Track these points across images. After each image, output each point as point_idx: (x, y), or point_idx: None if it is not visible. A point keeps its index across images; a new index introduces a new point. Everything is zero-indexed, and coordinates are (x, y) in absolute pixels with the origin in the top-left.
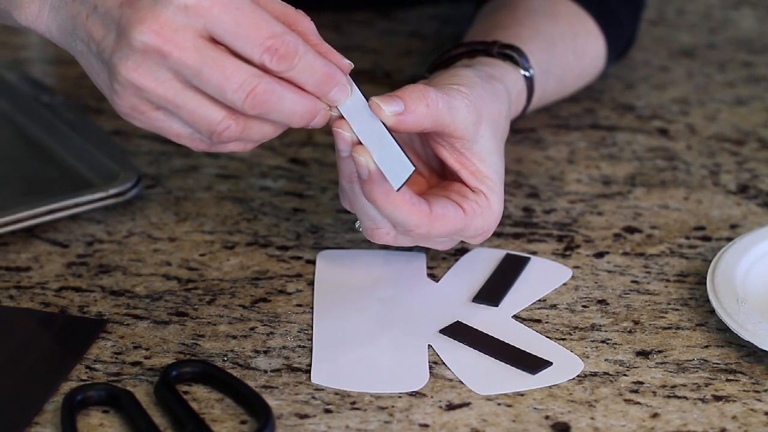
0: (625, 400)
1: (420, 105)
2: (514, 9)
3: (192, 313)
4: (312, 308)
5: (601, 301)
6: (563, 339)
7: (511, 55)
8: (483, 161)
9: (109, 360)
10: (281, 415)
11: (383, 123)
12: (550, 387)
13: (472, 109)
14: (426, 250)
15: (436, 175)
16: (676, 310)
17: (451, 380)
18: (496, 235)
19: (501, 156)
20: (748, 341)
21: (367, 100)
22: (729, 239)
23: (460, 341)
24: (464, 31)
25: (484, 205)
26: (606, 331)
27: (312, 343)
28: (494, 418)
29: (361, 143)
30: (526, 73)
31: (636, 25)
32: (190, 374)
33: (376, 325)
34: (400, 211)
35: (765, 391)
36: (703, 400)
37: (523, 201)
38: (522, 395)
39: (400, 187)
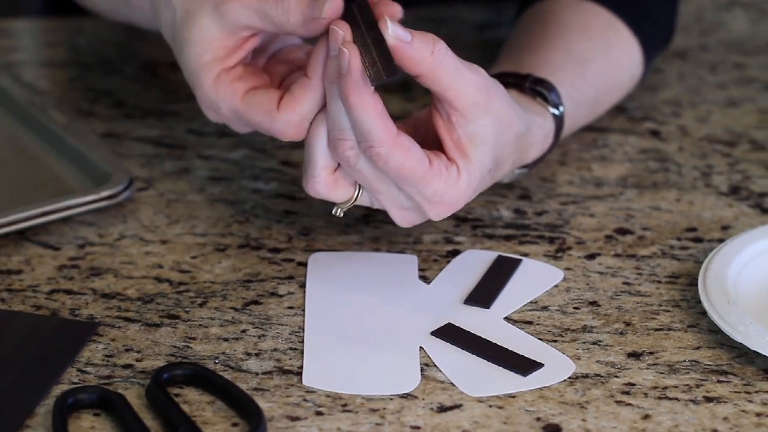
0: (617, 402)
1: (425, 49)
2: (544, 26)
3: (183, 316)
4: (303, 310)
5: (593, 303)
6: (555, 341)
7: (542, 92)
8: (472, 143)
9: (100, 363)
10: (273, 417)
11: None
12: (541, 389)
13: (483, 91)
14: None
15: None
16: (668, 311)
17: (442, 382)
18: (488, 236)
19: (492, 157)
20: (740, 343)
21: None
22: (721, 241)
23: (451, 343)
24: (503, 38)
25: (453, 174)
26: (597, 333)
27: (303, 346)
28: (486, 420)
29: (351, 41)
30: (556, 111)
31: (673, 19)
32: (182, 377)
33: (368, 327)
34: (368, 114)
35: (756, 392)
36: (694, 402)
37: (514, 203)
38: (513, 397)
39: (377, 83)
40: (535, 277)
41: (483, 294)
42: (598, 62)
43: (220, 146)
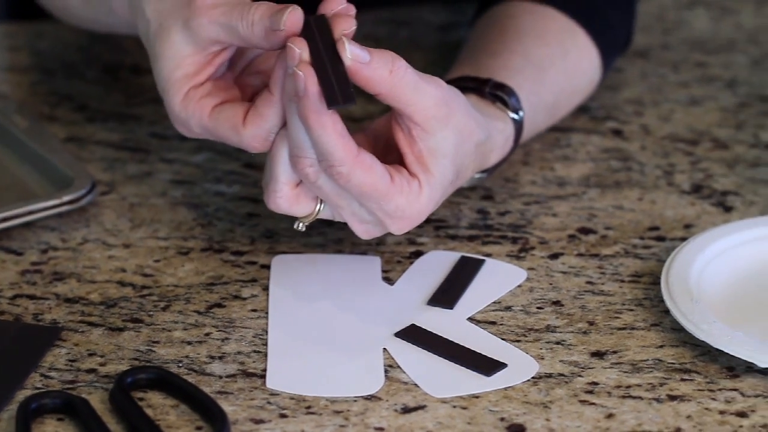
0: (580, 401)
1: (384, 68)
2: (503, 31)
3: (147, 320)
4: (267, 313)
5: (556, 303)
6: (518, 341)
7: (502, 96)
8: (433, 157)
9: (63, 368)
10: (237, 420)
11: (340, 57)
12: (505, 389)
13: (443, 104)
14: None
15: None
16: (631, 310)
17: (406, 383)
18: (451, 237)
19: (453, 169)
20: (703, 341)
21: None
22: (683, 239)
23: (415, 344)
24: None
25: (414, 189)
26: (561, 333)
27: (267, 348)
28: (450, 421)
29: (308, 62)
30: (515, 116)
31: (631, 22)
32: (146, 381)
33: (331, 329)
34: (328, 135)
35: (720, 390)
36: (657, 400)
37: (477, 203)
38: (477, 397)
39: (332, 107)
40: (498, 278)
41: (446, 295)
42: (557, 68)
43: (182, 149)
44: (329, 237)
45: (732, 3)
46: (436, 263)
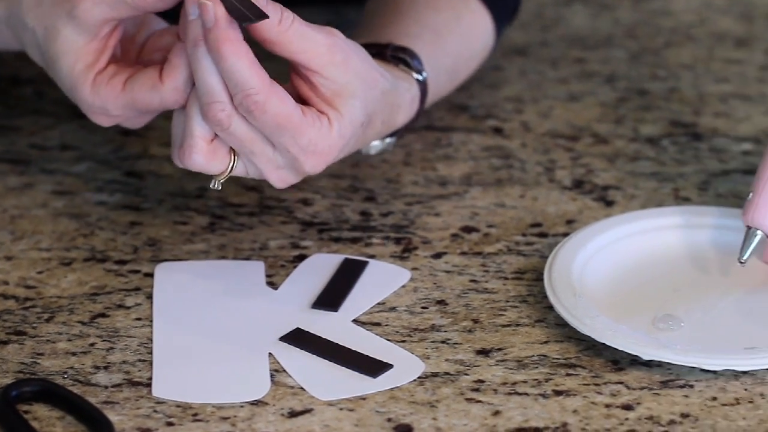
0: (467, 399)
1: (273, 17)
2: (396, 2)
3: (30, 332)
4: (151, 321)
5: (441, 302)
6: (403, 341)
7: (404, 58)
8: (340, 97)
9: None
10: (123, 429)
11: None
12: (391, 389)
13: (338, 50)
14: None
15: None
16: (515, 307)
17: (292, 387)
18: (334, 240)
19: (363, 111)
20: (587, 335)
21: None
22: (565, 235)
23: (300, 348)
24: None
25: (324, 123)
26: (446, 332)
27: (152, 357)
28: (337, 423)
29: None
30: (419, 77)
31: None
32: (31, 393)
33: (217, 335)
34: (242, 63)
35: (605, 384)
36: (544, 396)
37: (360, 205)
38: (364, 399)
39: (246, 23)
40: (382, 279)
41: (330, 297)
42: (453, 33)
43: (63, 160)
44: (212, 243)
45: None
46: (320, 266)
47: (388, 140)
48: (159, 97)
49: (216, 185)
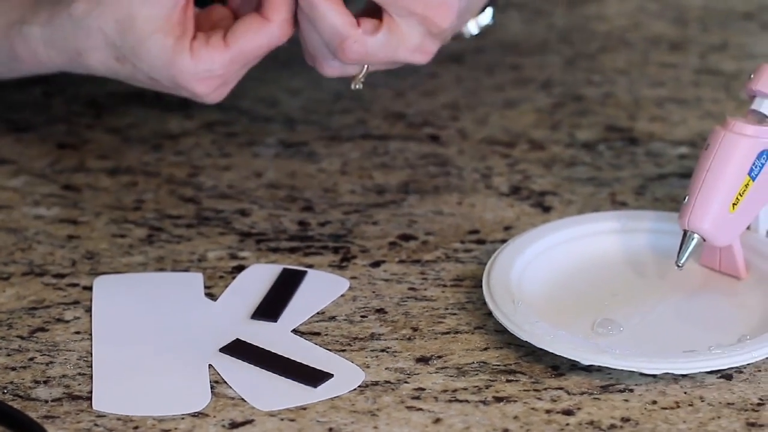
0: (408, 407)
1: None
2: None
3: None
4: (91, 335)
5: (380, 310)
6: (343, 350)
7: None
8: None
9: None
10: None
11: None
12: (332, 399)
13: None
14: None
15: None
16: (454, 314)
17: (233, 398)
18: (272, 250)
19: None
20: (526, 341)
21: None
22: (503, 241)
23: (240, 359)
24: None
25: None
26: (385, 340)
27: (92, 370)
28: None
29: None
30: None
31: None
32: None
33: (156, 347)
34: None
35: (545, 389)
36: (484, 402)
37: (297, 215)
38: (305, 409)
39: None
40: (321, 288)
41: (270, 308)
42: None
43: None
44: (150, 255)
45: (543, 4)
46: (259, 277)
47: (489, 9)
48: (267, 37)
49: (358, 86)
